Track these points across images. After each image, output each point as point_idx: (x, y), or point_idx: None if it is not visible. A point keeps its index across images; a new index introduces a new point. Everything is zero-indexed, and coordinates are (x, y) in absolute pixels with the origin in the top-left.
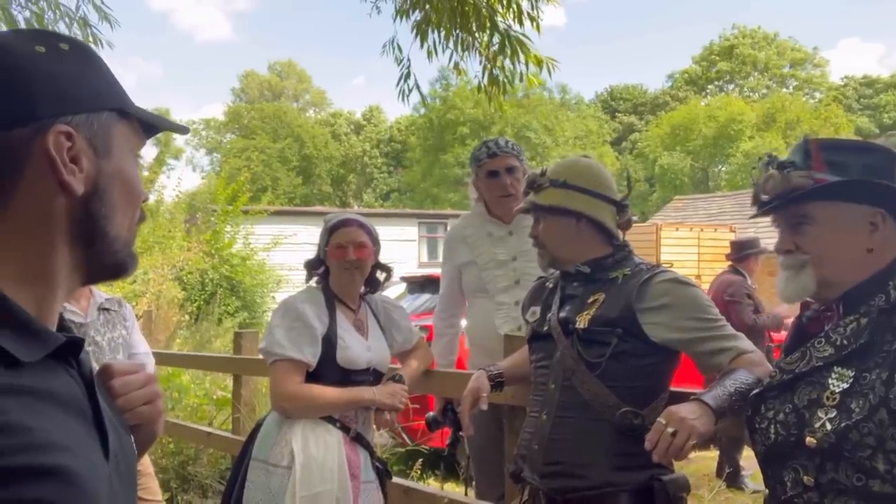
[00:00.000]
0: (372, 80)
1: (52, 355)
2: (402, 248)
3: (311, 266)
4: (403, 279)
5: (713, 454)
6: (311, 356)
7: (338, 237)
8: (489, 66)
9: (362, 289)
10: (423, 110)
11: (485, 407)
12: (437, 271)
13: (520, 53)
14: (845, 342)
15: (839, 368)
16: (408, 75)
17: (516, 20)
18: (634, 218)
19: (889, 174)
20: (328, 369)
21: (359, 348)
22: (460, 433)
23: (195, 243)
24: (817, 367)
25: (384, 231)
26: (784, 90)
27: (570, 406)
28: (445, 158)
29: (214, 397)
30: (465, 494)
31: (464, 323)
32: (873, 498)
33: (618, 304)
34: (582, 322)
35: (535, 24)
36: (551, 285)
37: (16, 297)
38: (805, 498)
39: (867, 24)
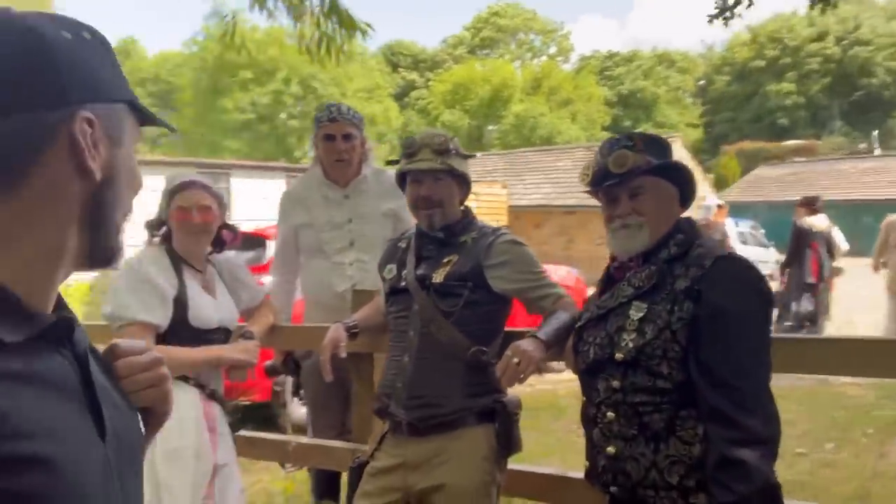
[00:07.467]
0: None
1: (42, 336)
2: None
3: (153, 226)
4: None
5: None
6: (161, 318)
7: (181, 200)
8: (320, 28)
9: (208, 249)
10: (194, 48)
11: (343, 355)
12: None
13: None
14: (641, 284)
15: (637, 303)
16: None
17: None
18: None
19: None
20: (181, 330)
21: (210, 308)
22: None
23: None
24: (622, 303)
25: (156, 182)
26: (537, 60)
27: (428, 349)
28: (223, 103)
29: None
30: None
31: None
32: (658, 391)
33: (468, 262)
34: (438, 277)
35: None
36: (404, 245)
37: (20, 278)
38: (613, 399)
39: (607, 2)
